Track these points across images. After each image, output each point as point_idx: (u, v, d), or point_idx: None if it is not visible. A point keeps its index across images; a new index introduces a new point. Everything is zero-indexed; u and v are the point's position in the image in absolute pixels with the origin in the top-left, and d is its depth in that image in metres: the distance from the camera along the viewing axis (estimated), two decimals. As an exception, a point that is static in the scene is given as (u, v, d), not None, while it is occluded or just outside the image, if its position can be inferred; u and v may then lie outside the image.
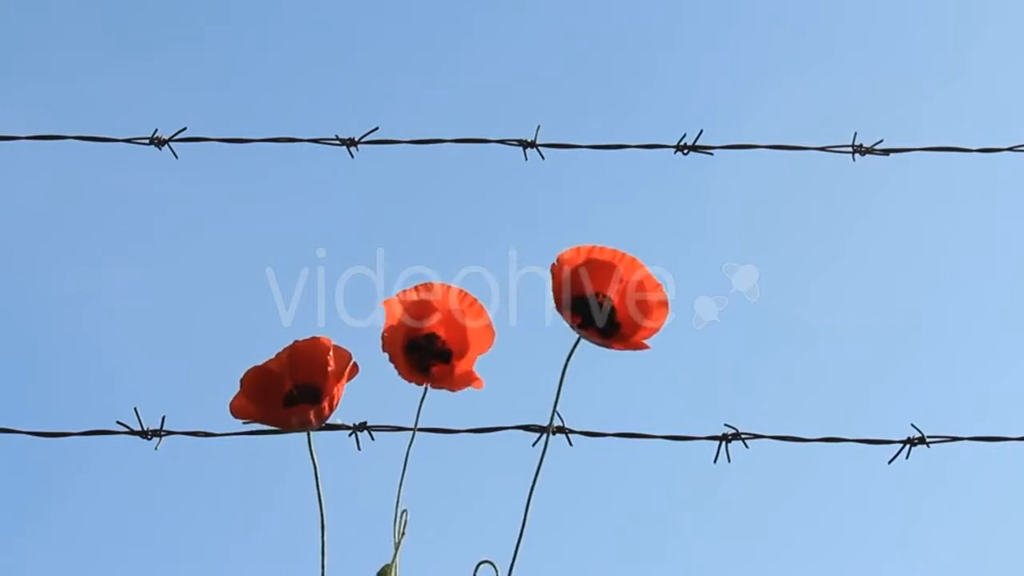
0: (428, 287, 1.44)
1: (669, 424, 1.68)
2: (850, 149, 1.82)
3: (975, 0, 3.02)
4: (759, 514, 2.28)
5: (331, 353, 1.39)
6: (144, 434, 1.64)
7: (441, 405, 1.45)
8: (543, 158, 1.80)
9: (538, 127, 1.80)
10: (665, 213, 2.42)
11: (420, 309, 1.43)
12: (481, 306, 1.44)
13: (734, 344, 2.25)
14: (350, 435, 1.63)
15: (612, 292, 1.39)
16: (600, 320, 1.39)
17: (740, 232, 2.24)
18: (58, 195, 2.32)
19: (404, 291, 1.44)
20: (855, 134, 1.83)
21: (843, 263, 2.45)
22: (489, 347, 1.43)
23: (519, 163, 1.80)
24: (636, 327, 1.39)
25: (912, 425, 1.68)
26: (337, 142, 1.81)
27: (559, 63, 2.78)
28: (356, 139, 1.81)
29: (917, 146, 1.84)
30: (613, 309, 1.39)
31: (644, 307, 1.39)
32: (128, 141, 1.81)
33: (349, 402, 1.43)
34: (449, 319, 1.43)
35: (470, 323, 1.43)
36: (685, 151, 1.81)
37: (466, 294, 1.44)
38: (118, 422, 1.64)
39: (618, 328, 1.39)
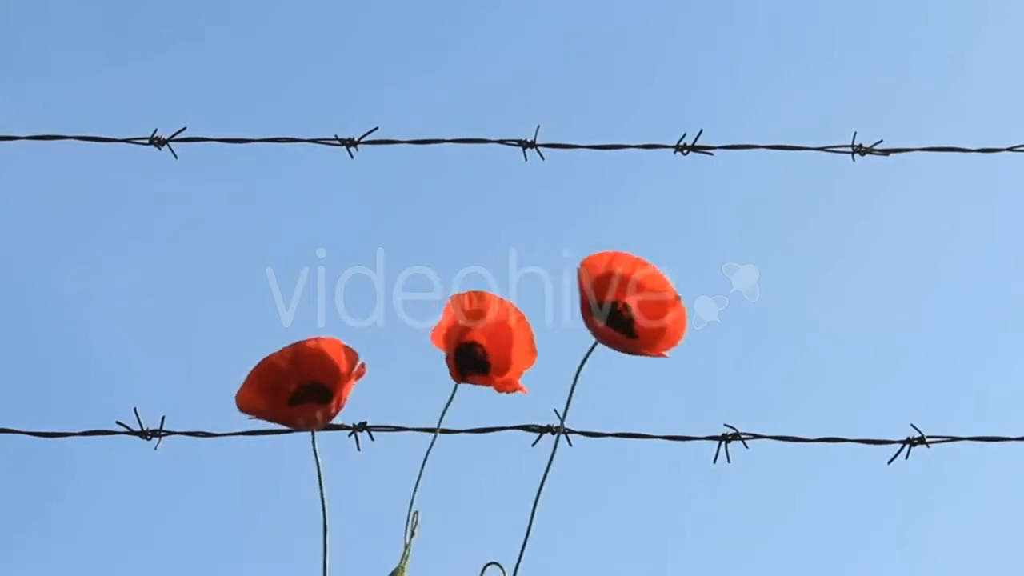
0: (482, 296, 1.43)
1: (669, 424, 1.69)
2: (850, 149, 1.82)
3: (975, 0, 3.03)
4: (759, 514, 2.28)
5: (342, 353, 1.39)
6: (144, 434, 1.64)
7: (441, 405, 1.45)
8: (543, 158, 1.81)
9: (538, 127, 1.80)
10: (665, 213, 2.41)
11: (473, 317, 1.43)
12: (528, 324, 1.43)
13: (734, 344, 2.25)
14: (350, 435, 1.63)
15: (631, 301, 1.39)
16: (620, 326, 1.38)
17: (740, 232, 2.25)
18: (58, 195, 2.32)
19: (459, 295, 1.43)
20: (855, 134, 1.83)
21: (843, 263, 2.45)
22: (530, 366, 1.43)
23: (519, 163, 1.80)
24: (655, 337, 1.38)
25: (912, 425, 1.68)
26: (337, 142, 1.81)
27: (559, 63, 2.78)
28: (356, 139, 1.81)
29: (917, 146, 1.85)
30: (632, 318, 1.38)
31: (662, 317, 1.39)
32: (128, 141, 1.81)
33: (349, 402, 1.43)
34: (496, 332, 1.42)
35: (517, 340, 1.42)
36: (685, 151, 1.81)
37: (518, 312, 1.43)
38: (118, 422, 1.64)
39: (636, 337, 1.39)
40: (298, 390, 1.39)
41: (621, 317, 1.38)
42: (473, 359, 1.42)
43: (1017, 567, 1.86)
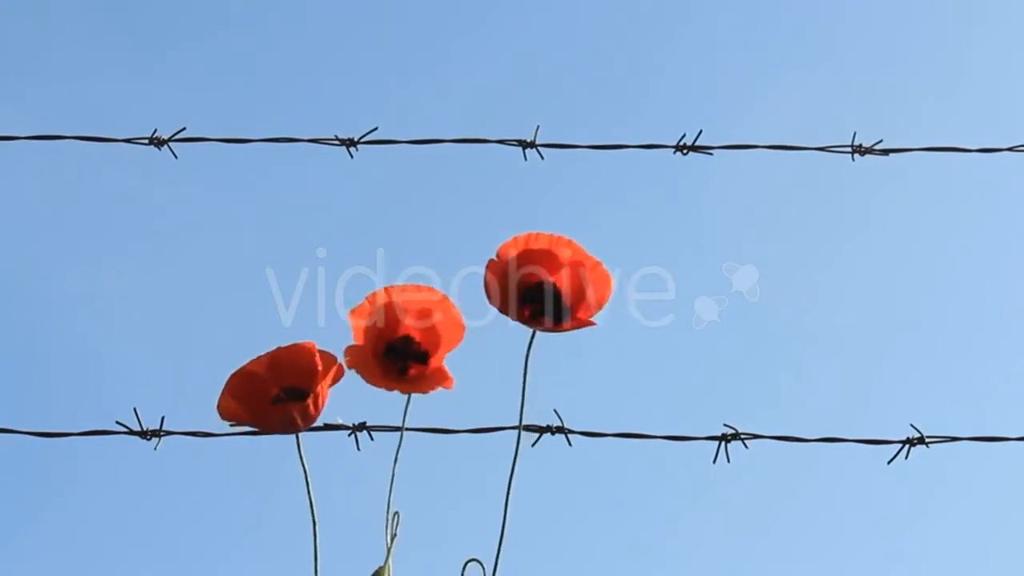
0: (396, 290, 1.43)
1: (669, 424, 1.69)
2: (849, 149, 1.83)
3: (975, 0, 3.03)
4: (759, 514, 2.28)
5: (316, 355, 1.39)
6: (143, 434, 1.64)
7: (441, 405, 1.45)
8: (543, 158, 1.81)
9: (537, 127, 1.80)
10: (665, 213, 2.42)
11: (389, 312, 1.42)
12: (450, 300, 1.43)
13: (734, 344, 2.25)
14: (349, 435, 1.63)
15: (553, 276, 1.39)
16: (548, 307, 1.39)
17: (740, 232, 2.24)
18: (58, 195, 2.32)
19: (371, 296, 1.43)
20: (855, 134, 1.83)
21: (843, 263, 2.45)
22: (460, 341, 1.43)
23: (519, 163, 1.81)
24: (581, 305, 1.39)
25: (911, 425, 1.68)
26: (337, 142, 1.81)
27: (559, 63, 2.78)
28: (356, 139, 1.81)
29: (917, 146, 1.85)
30: (558, 293, 1.39)
31: (585, 285, 1.39)
32: (128, 141, 1.81)
33: (349, 402, 1.43)
34: (420, 318, 1.42)
35: (439, 318, 1.42)
36: (684, 151, 1.81)
37: (432, 290, 1.43)
38: (118, 422, 1.64)
39: (567, 312, 1.39)
40: (279, 395, 1.39)
41: (546, 296, 1.39)
42: (408, 352, 1.42)
43: (1017, 567, 1.86)
